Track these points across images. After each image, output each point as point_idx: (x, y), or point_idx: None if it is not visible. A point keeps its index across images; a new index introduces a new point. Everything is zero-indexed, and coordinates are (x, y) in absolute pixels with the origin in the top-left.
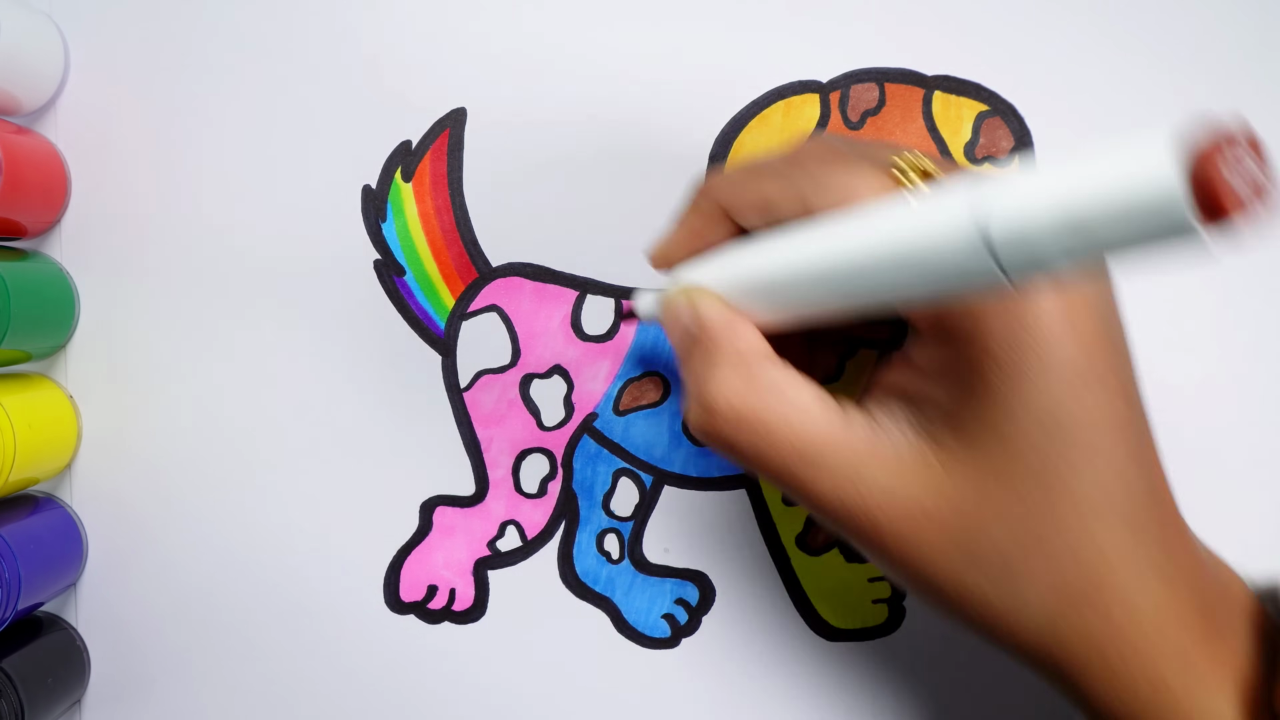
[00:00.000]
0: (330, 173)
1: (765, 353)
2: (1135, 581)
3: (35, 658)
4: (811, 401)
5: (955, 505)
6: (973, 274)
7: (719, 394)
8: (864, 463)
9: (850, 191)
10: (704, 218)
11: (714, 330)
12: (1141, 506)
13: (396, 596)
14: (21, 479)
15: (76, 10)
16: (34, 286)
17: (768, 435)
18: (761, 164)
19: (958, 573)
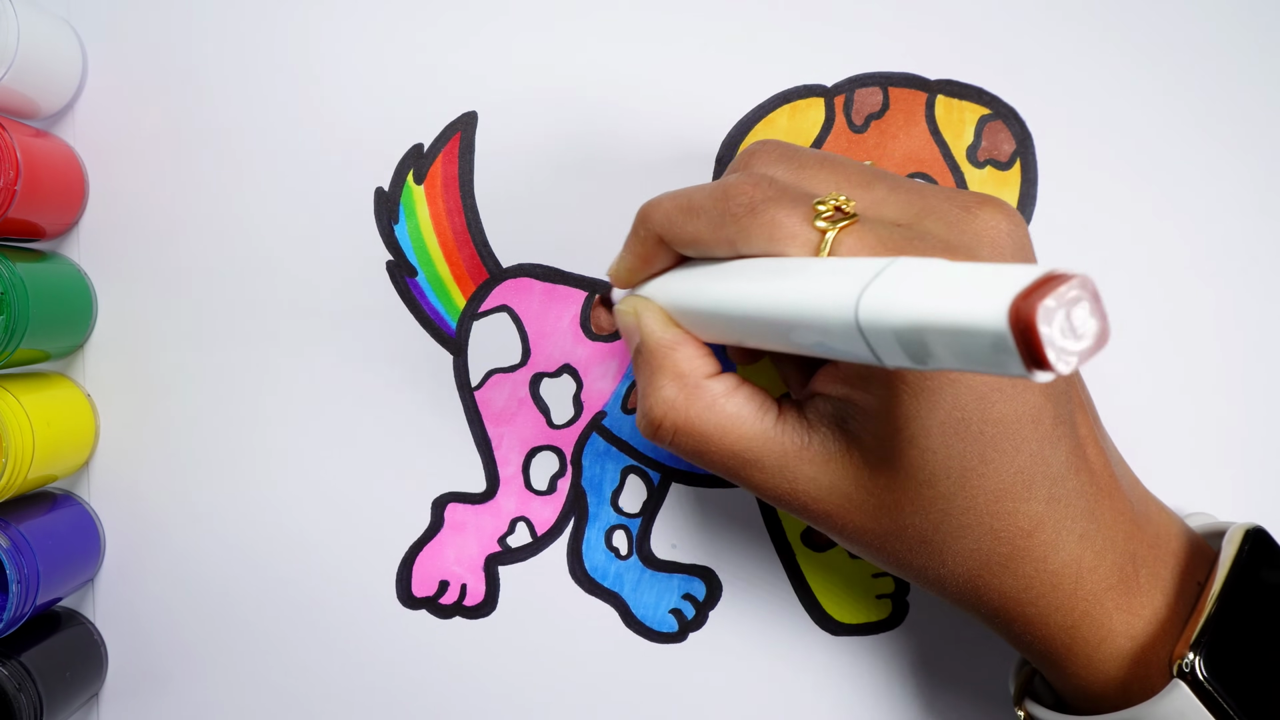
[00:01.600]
0: (343, 175)
1: (703, 369)
2: (1050, 546)
3: (54, 652)
4: (746, 410)
5: (875, 494)
6: (853, 350)
7: (659, 407)
8: (794, 460)
9: (773, 240)
10: (646, 245)
11: (655, 347)
12: (1060, 481)
13: (409, 592)
14: (40, 476)
15: (93, 15)
16: (53, 287)
17: (706, 442)
18: (695, 200)
19: (882, 543)
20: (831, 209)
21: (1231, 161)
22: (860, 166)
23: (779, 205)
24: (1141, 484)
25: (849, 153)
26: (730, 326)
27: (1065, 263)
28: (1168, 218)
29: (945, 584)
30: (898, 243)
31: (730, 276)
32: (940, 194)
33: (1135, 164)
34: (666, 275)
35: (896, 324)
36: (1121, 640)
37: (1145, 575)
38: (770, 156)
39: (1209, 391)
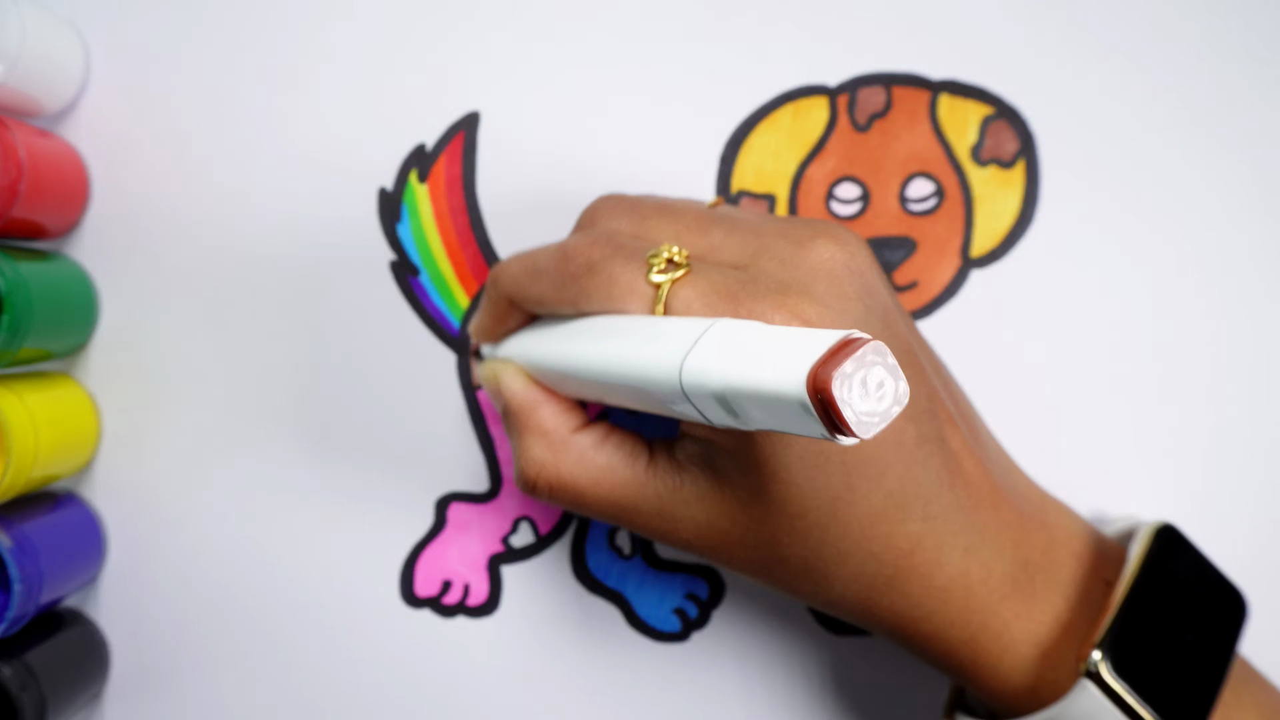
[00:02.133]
0: (346, 175)
1: (568, 424)
2: (934, 563)
3: (57, 651)
4: (616, 459)
5: (751, 529)
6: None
7: (531, 467)
8: (668, 503)
9: (610, 298)
10: (498, 306)
11: (518, 408)
12: (935, 499)
13: (412, 591)
14: (44, 476)
15: (97, 15)
16: (56, 286)
17: (581, 495)
18: (538, 263)
19: (769, 572)
20: (664, 261)
21: (1232, 162)
22: (699, 211)
23: (615, 262)
24: (1037, 487)
25: (852, 152)
26: (579, 387)
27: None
28: (1170, 218)
29: (839, 607)
30: (731, 288)
31: (572, 337)
32: (776, 230)
33: (1138, 163)
34: (522, 333)
35: (713, 390)
36: (1024, 647)
37: (1041, 580)
38: (612, 210)
39: (1209, 391)
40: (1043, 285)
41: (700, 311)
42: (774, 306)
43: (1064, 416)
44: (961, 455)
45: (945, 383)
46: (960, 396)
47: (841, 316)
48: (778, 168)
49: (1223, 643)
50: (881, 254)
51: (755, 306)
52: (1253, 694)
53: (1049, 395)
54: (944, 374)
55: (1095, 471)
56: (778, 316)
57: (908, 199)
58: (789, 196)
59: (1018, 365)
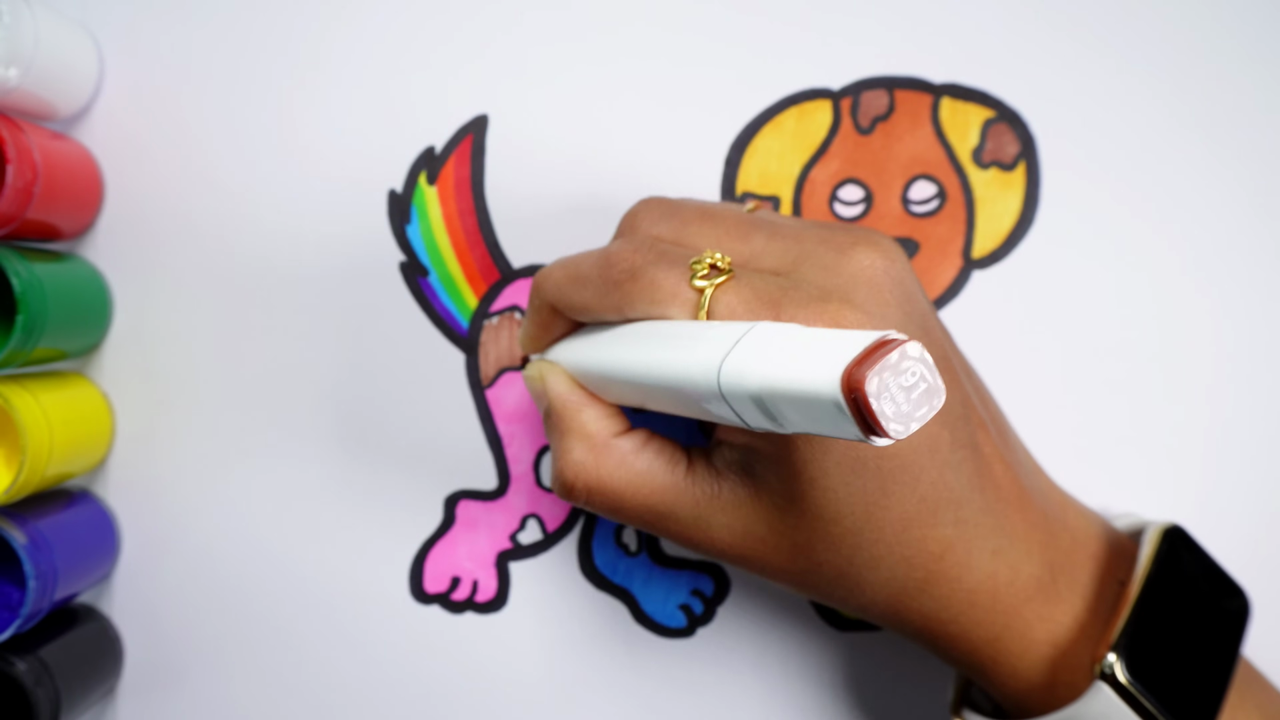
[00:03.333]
0: (356, 177)
1: (610, 428)
2: (963, 566)
3: (71, 647)
4: (655, 466)
5: (787, 535)
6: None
7: (570, 469)
8: (706, 509)
9: (654, 304)
10: (542, 314)
11: (561, 409)
12: (966, 503)
13: (421, 588)
14: (58, 474)
15: (110, 20)
16: (70, 287)
17: (620, 500)
18: (581, 270)
19: (802, 579)
20: (707, 267)
21: (1232, 164)
22: (740, 216)
23: (658, 268)
24: (1058, 489)
25: (855, 154)
26: (623, 391)
27: (1068, 263)
28: (1170, 219)
29: (868, 610)
30: (773, 294)
31: (615, 342)
32: (817, 237)
33: (1137, 165)
34: (569, 339)
35: (750, 391)
36: (1045, 648)
37: (1064, 582)
38: (653, 215)
39: (1209, 391)
40: (1043, 286)
41: (743, 317)
42: (816, 313)
43: (1065, 415)
44: (992, 459)
45: (977, 387)
46: (990, 401)
47: (882, 322)
48: (782, 170)
49: (1228, 643)
50: None
51: (797, 313)
52: (1254, 694)
53: (1050, 394)
54: (975, 379)
55: (1096, 470)
56: (819, 323)
57: (910, 201)
58: (793, 198)
59: (1019, 365)
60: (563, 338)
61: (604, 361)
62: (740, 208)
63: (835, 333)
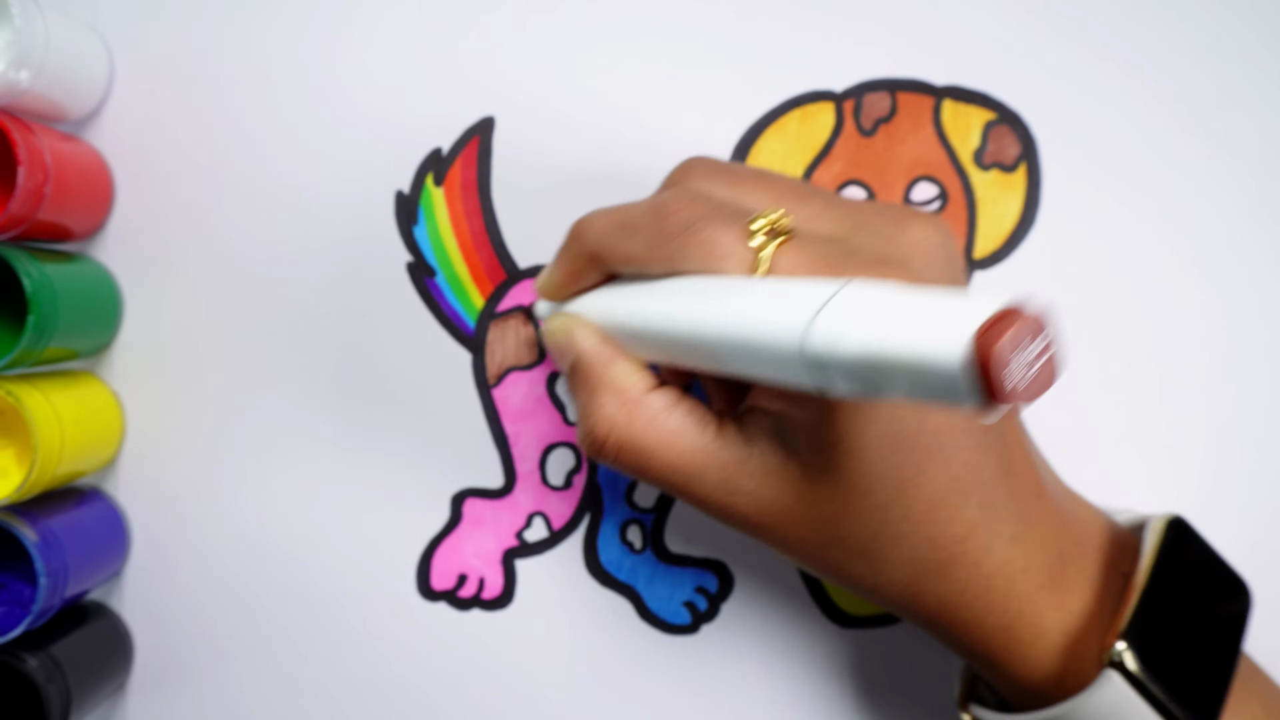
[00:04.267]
0: (364, 179)
1: (642, 384)
2: (984, 550)
3: (82, 644)
4: (687, 426)
5: (815, 506)
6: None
7: (600, 425)
8: (734, 474)
9: (709, 259)
10: (578, 262)
11: (591, 365)
12: (991, 488)
13: (428, 585)
14: (69, 472)
15: (120, 22)
16: (81, 287)
17: (649, 459)
18: (630, 218)
19: (823, 553)
20: (768, 225)
21: (1231, 165)
22: (795, 181)
23: (714, 223)
24: (1064, 483)
25: (858, 156)
26: (664, 347)
27: (1069, 263)
28: (1169, 220)
29: (883, 591)
30: (834, 258)
31: (665, 296)
32: (873, 208)
33: (1137, 166)
34: (598, 292)
35: (849, 356)
36: (1054, 636)
37: (1073, 571)
38: (706, 172)
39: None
40: (1044, 286)
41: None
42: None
43: (1065, 414)
44: (1015, 448)
45: None
46: None
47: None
48: (785, 171)
49: (1232, 631)
50: None
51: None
52: (1254, 686)
53: (1050, 393)
54: None
55: (1096, 469)
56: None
57: (912, 202)
58: None
59: None
60: (590, 289)
61: (653, 315)
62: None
63: (950, 295)
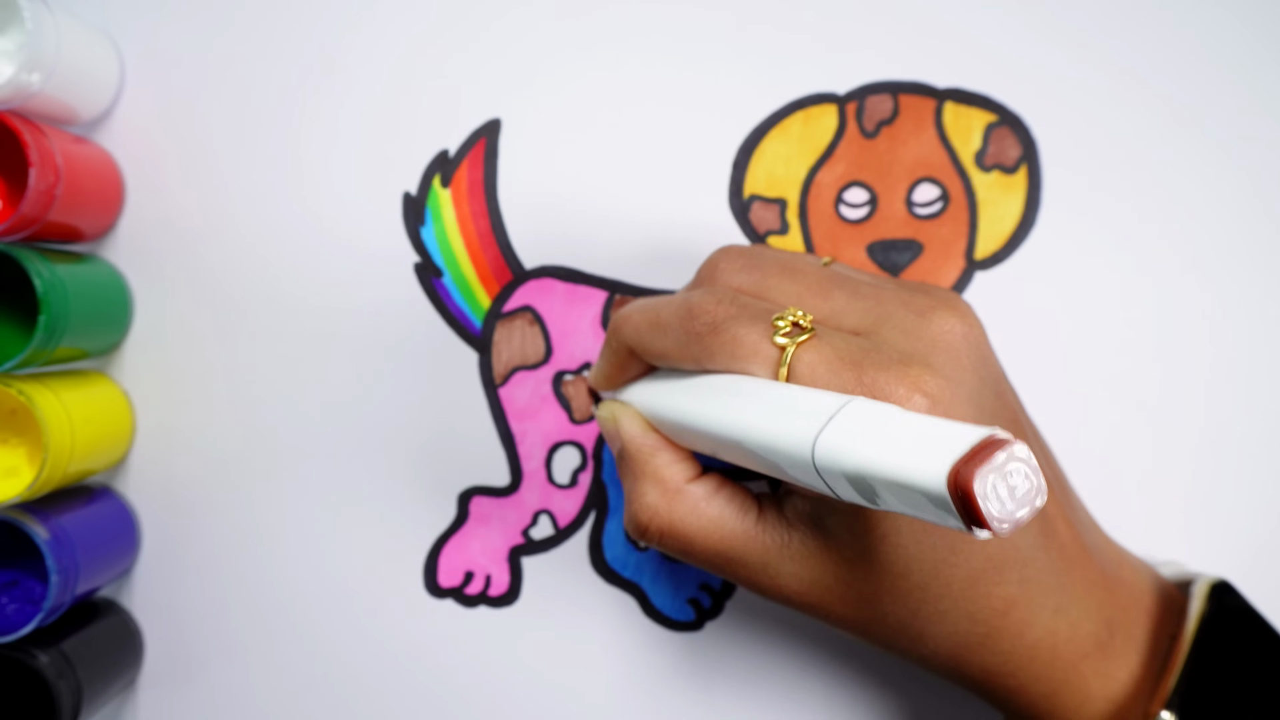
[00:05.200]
0: (372, 180)
1: (683, 473)
2: (1026, 622)
3: (93, 640)
4: (727, 513)
5: (854, 587)
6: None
7: (645, 512)
8: (775, 558)
9: (735, 358)
10: (619, 356)
11: (635, 453)
12: (1030, 562)
13: (435, 582)
14: (79, 470)
15: (130, 26)
16: (92, 288)
17: (691, 544)
18: (662, 316)
19: (866, 628)
20: (790, 325)
21: (1230, 165)
22: (821, 272)
23: (740, 323)
24: (1113, 544)
25: (860, 157)
26: (698, 441)
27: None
28: (1169, 220)
29: (928, 662)
30: (854, 355)
31: (696, 394)
32: (897, 298)
33: (1136, 167)
34: (643, 381)
35: (847, 470)
36: (1101, 703)
37: (1121, 639)
38: (734, 265)
39: (1208, 390)
40: (1045, 286)
41: (824, 376)
42: (897, 377)
43: (1066, 414)
44: (1056, 518)
45: (1042, 447)
46: (1051, 458)
47: (959, 389)
48: (788, 173)
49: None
50: (889, 256)
51: (878, 376)
52: None
53: (1051, 393)
54: (1040, 439)
55: (1097, 468)
56: (899, 388)
57: (914, 203)
58: (799, 201)
59: (1021, 363)
60: (636, 379)
61: (686, 412)
62: (817, 261)
63: (938, 422)
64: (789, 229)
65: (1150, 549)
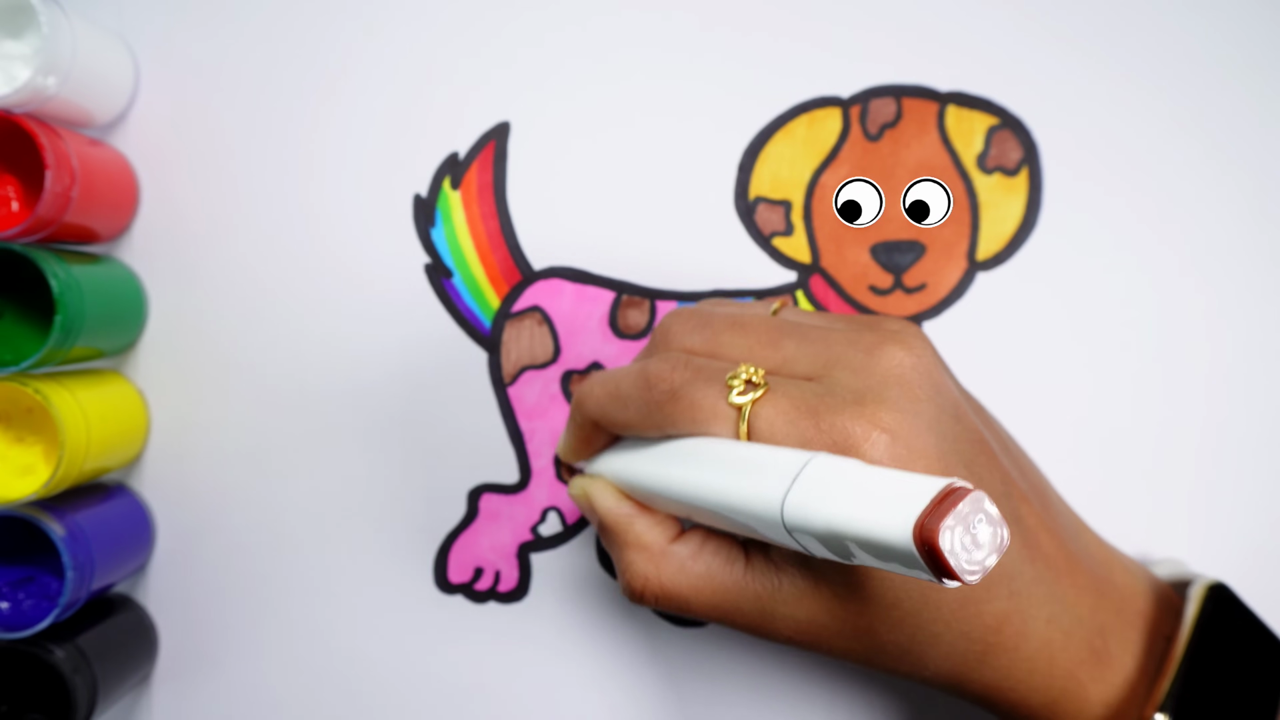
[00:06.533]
0: (383, 182)
1: (664, 536)
2: (1020, 635)
3: (108, 635)
4: (714, 567)
5: (849, 621)
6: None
7: (634, 580)
8: (768, 603)
9: (696, 422)
10: (584, 429)
11: (614, 525)
12: (1017, 576)
13: (445, 578)
14: (95, 468)
15: (145, 30)
16: (107, 288)
17: (685, 603)
18: (622, 389)
19: (867, 658)
20: (743, 383)
21: (1229, 168)
22: (768, 324)
23: (695, 387)
24: (1104, 546)
25: (864, 160)
26: (672, 506)
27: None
28: (1169, 222)
29: (933, 682)
30: (809, 403)
31: (663, 461)
32: (845, 339)
33: (1136, 170)
34: (612, 451)
35: (817, 530)
36: (1097, 709)
37: (1115, 643)
38: (685, 328)
39: (1207, 391)
40: (1046, 286)
41: (783, 429)
42: (853, 418)
43: (1066, 413)
44: (1038, 530)
45: (1015, 458)
46: (1028, 467)
47: (917, 419)
48: (793, 175)
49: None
50: (892, 257)
51: (835, 420)
52: None
53: (1052, 392)
54: (1012, 448)
55: (1098, 468)
56: (858, 427)
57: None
58: (804, 203)
59: (1022, 363)
60: (603, 449)
61: (655, 480)
62: (766, 309)
63: (898, 475)
64: (794, 230)
65: (1151, 549)
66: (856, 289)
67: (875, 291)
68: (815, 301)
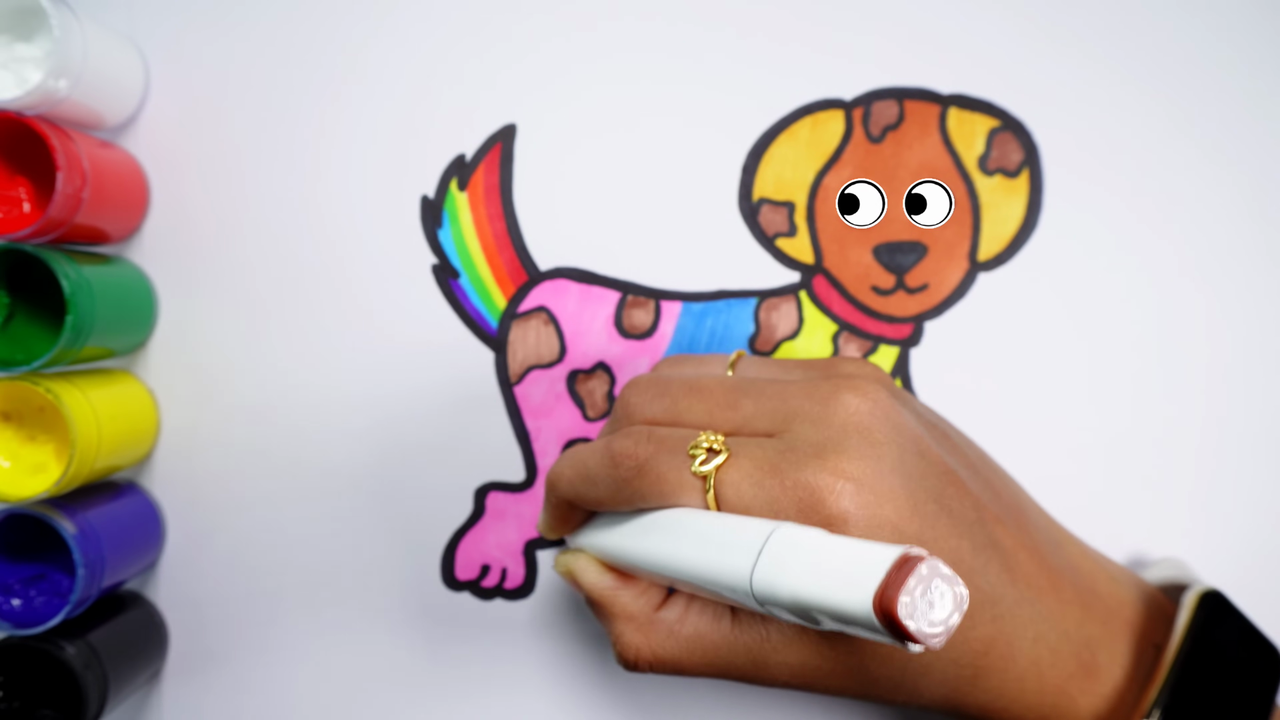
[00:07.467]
0: (391, 184)
1: (649, 604)
2: (1007, 657)
3: (119, 632)
4: (701, 626)
5: (840, 661)
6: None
7: (627, 651)
8: (759, 653)
9: (664, 495)
10: (559, 509)
11: (600, 598)
12: (999, 600)
13: (452, 575)
14: (105, 466)
15: (155, 33)
16: (117, 289)
17: (680, 666)
18: (590, 468)
19: (863, 692)
20: (704, 451)
21: (1229, 168)
22: (725, 385)
23: (659, 461)
24: (1088, 555)
25: (866, 161)
26: (653, 576)
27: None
28: (1169, 222)
29: (929, 709)
30: (772, 461)
31: (638, 534)
32: (801, 390)
33: (1136, 171)
34: (591, 526)
35: (784, 602)
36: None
37: (1103, 655)
38: (645, 397)
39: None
40: (1047, 287)
41: (749, 492)
42: (816, 471)
43: (1067, 413)
44: (1015, 551)
45: (987, 480)
46: (1003, 486)
47: (880, 463)
48: (796, 177)
49: (1260, 702)
50: (894, 258)
51: (800, 475)
52: None
53: (1052, 392)
54: (983, 469)
55: (1098, 468)
56: (822, 479)
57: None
58: (807, 204)
59: (1023, 363)
60: (581, 524)
61: (632, 552)
62: (723, 366)
63: (857, 545)
64: (797, 231)
65: (1151, 548)
66: (859, 289)
67: (877, 292)
68: (819, 302)
